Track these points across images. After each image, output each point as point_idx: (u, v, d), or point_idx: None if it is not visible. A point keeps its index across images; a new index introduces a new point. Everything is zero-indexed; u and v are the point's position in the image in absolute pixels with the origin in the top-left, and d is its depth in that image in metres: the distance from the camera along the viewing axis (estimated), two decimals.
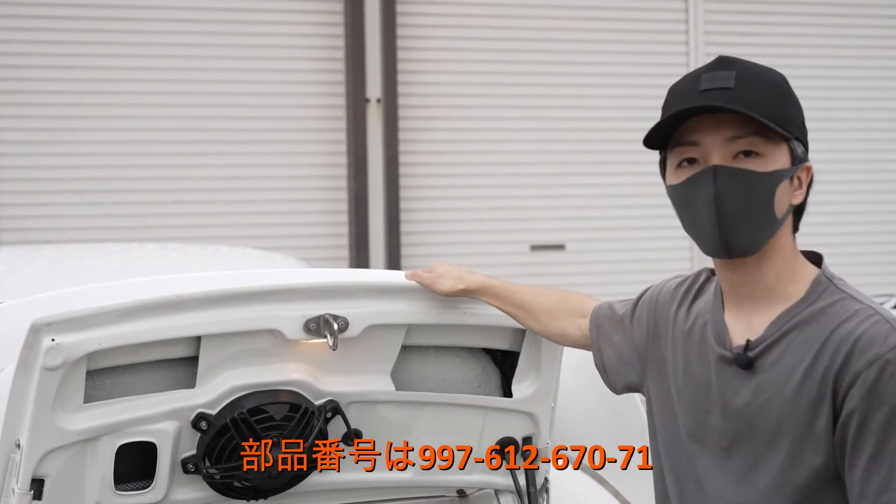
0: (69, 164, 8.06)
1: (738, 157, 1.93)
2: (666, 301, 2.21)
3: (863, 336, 1.87)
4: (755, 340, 1.97)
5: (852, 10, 9.69)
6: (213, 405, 2.46)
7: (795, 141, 1.96)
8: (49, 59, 8.01)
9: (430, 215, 8.70)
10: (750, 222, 1.94)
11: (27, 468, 2.32)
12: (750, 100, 1.91)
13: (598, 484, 3.12)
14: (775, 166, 1.94)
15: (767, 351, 1.96)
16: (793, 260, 2.01)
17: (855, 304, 1.93)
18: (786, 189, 1.96)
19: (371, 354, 2.56)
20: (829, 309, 1.94)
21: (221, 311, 2.37)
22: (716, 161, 1.93)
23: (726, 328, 2.03)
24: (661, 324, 2.19)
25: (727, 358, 2.00)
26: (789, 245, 2.01)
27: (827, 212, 9.47)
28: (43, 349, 2.20)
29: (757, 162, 1.93)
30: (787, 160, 1.96)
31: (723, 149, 1.93)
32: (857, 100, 9.66)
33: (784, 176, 1.95)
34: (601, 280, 8.80)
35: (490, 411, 2.72)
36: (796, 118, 1.97)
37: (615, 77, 9.11)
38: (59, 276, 3.72)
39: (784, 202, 1.96)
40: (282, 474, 2.52)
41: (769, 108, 1.92)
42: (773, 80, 1.98)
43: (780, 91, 1.97)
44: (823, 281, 1.99)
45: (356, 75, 8.45)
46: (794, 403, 1.91)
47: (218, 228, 8.21)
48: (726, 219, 1.92)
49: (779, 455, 1.93)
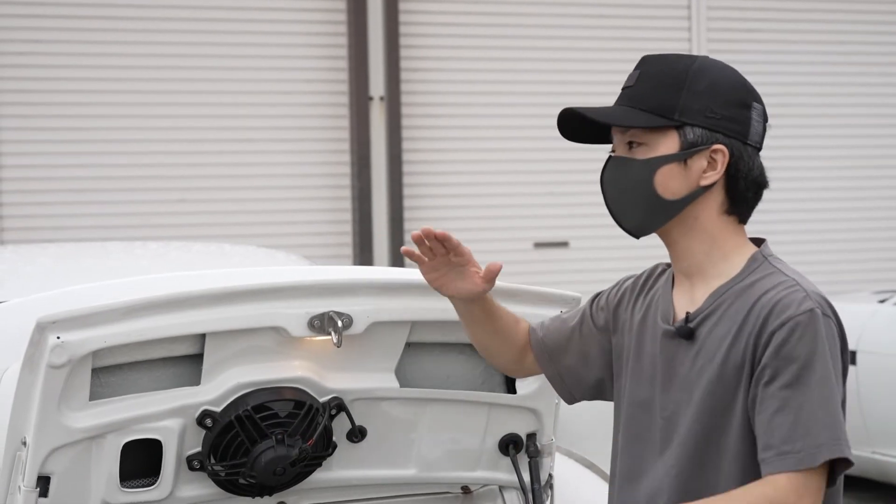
0: (72, 163, 8.07)
1: (630, 149, 2.12)
2: (625, 297, 2.30)
3: (780, 301, 2.01)
4: (694, 312, 2.10)
5: (855, 6, 9.68)
6: (217, 402, 2.47)
7: (689, 127, 2.08)
8: (52, 58, 8.01)
9: (434, 213, 8.70)
10: (632, 205, 2.12)
11: (33, 466, 2.33)
12: (636, 95, 2.12)
13: (602, 479, 3.13)
14: (657, 153, 2.09)
15: (704, 321, 2.08)
16: (723, 239, 2.13)
17: (780, 277, 2.06)
18: (675, 173, 2.09)
19: (375, 351, 2.56)
20: (758, 282, 2.07)
21: (226, 309, 2.38)
22: (616, 153, 2.16)
23: (672, 306, 2.17)
24: (620, 318, 2.29)
25: (670, 332, 2.13)
26: (714, 225, 2.12)
27: (829, 208, 9.47)
28: (48, 347, 2.21)
29: (639, 150, 2.11)
30: (676, 146, 2.09)
31: (620, 142, 2.15)
32: (858, 95, 9.65)
33: (665, 162, 2.09)
34: (604, 277, 8.76)
35: (494, 408, 2.72)
36: (691, 106, 2.08)
37: (619, 74, 9.07)
38: (62, 274, 3.72)
39: (675, 185, 2.09)
40: (286, 471, 2.52)
41: (651, 100, 2.09)
42: (672, 73, 2.12)
43: (672, 83, 2.10)
44: (759, 258, 2.12)
45: (359, 73, 8.46)
46: (723, 367, 2.04)
47: (221, 227, 8.22)
48: (612, 202, 2.15)
49: (710, 419, 2.05)
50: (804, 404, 1.95)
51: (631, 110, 2.11)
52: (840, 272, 9.21)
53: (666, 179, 2.09)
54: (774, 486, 1.94)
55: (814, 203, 9.32)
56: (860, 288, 8.71)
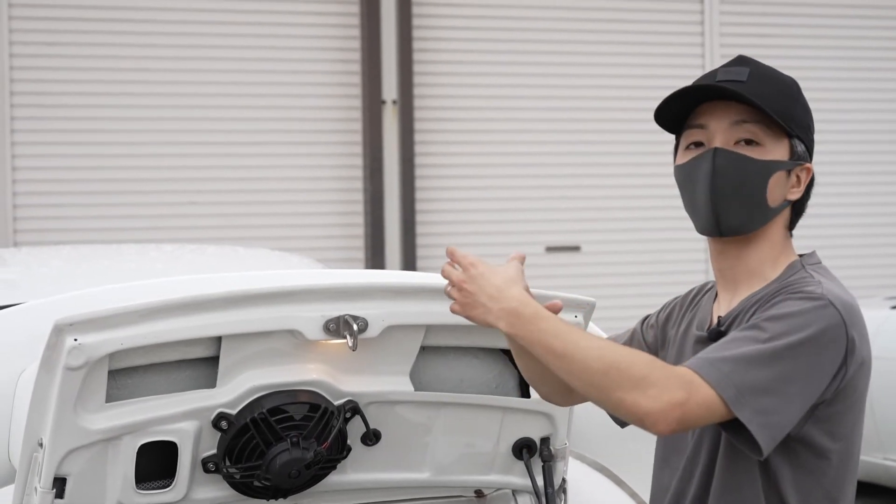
0: (86, 166, 8.10)
1: (739, 143, 2.07)
2: (674, 313, 2.31)
3: (792, 285, 2.03)
4: (724, 316, 2.12)
5: (867, 12, 9.67)
6: (233, 405, 2.47)
7: (797, 139, 2.10)
8: (66, 62, 8.05)
9: (446, 216, 8.71)
10: (741, 205, 2.07)
11: (49, 467, 2.34)
12: (758, 93, 2.04)
13: (615, 485, 3.13)
14: (773, 157, 2.07)
15: (732, 323, 2.09)
16: (779, 251, 2.14)
17: (808, 278, 2.06)
18: (781, 181, 2.09)
19: (390, 355, 2.56)
20: (787, 282, 2.07)
21: (242, 312, 2.38)
22: (718, 144, 2.07)
23: (710, 315, 2.17)
24: (668, 334, 2.30)
25: (703, 338, 2.13)
26: (780, 237, 2.14)
27: (841, 213, 9.45)
28: (66, 349, 2.22)
29: (756, 150, 2.07)
30: (786, 154, 2.09)
31: (726, 133, 2.08)
32: (872, 101, 9.64)
33: (779, 167, 2.08)
34: (616, 282, 8.80)
35: (508, 412, 2.72)
36: (801, 120, 2.10)
37: (631, 79, 9.11)
38: (77, 277, 3.74)
39: (778, 194, 2.09)
40: (301, 474, 2.53)
41: (775, 103, 2.05)
42: (784, 81, 2.12)
43: (788, 92, 2.11)
44: (797, 265, 2.13)
45: (372, 77, 8.47)
46: None
47: (233, 230, 8.24)
48: (719, 198, 2.06)
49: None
50: (749, 353, 1.92)
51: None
52: (852, 278, 9.19)
53: (774, 185, 2.09)
54: (677, 371, 1.93)
55: (826, 209, 9.31)
56: (872, 294, 8.70)
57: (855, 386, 2.02)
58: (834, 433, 2.02)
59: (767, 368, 1.91)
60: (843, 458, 2.04)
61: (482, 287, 2.07)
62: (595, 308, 2.48)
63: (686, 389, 1.88)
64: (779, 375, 1.91)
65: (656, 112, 2.16)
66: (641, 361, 1.92)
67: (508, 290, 2.05)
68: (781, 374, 1.91)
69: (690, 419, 1.90)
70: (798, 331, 1.93)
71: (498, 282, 2.07)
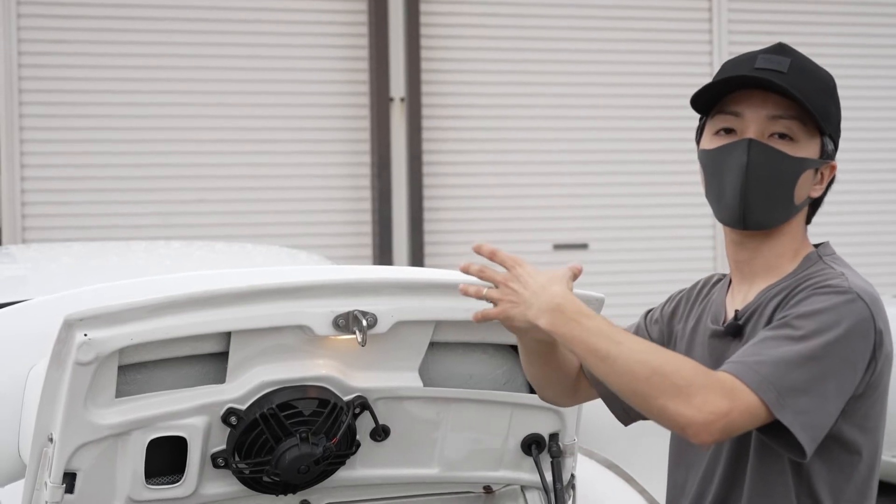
0: (94, 163, 8.10)
1: (772, 137, 2.03)
2: (679, 307, 2.29)
3: (816, 279, 2.00)
4: (742, 309, 2.09)
5: (876, 9, 9.65)
6: (242, 400, 2.47)
7: (828, 137, 2.08)
8: (74, 59, 8.05)
9: (454, 214, 8.71)
10: (769, 200, 2.04)
11: (59, 462, 2.34)
12: (800, 88, 2.01)
13: (623, 480, 3.13)
14: (805, 154, 2.05)
15: (751, 318, 2.06)
16: (797, 246, 2.11)
17: (829, 270, 2.04)
18: (809, 179, 2.07)
19: (399, 351, 2.57)
20: (804, 273, 2.06)
21: (251, 308, 2.38)
22: (752, 135, 2.03)
23: (724, 308, 2.14)
24: (674, 329, 2.27)
25: (719, 332, 2.11)
26: (799, 233, 2.12)
27: (850, 210, 9.44)
28: (76, 344, 2.22)
29: (789, 146, 2.04)
30: (817, 152, 2.07)
31: (761, 125, 2.03)
32: (881, 98, 9.62)
33: (811, 165, 2.06)
34: (624, 280, 8.79)
35: (517, 408, 2.72)
36: (834, 117, 2.09)
37: (639, 76, 9.10)
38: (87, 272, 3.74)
39: (804, 191, 2.07)
40: (310, 469, 2.53)
41: (815, 100, 2.02)
42: (823, 77, 2.09)
43: (826, 88, 2.08)
44: (813, 257, 2.10)
45: (380, 74, 8.47)
46: None
47: (241, 227, 8.25)
48: (750, 191, 2.03)
49: None
50: (786, 354, 1.89)
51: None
52: (861, 274, 9.18)
53: (803, 183, 2.06)
54: (719, 377, 1.89)
55: (836, 206, 9.29)
56: (882, 291, 8.69)
57: (881, 378, 2.01)
58: (864, 427, 2.00)
59: (804, 368, 1.89)
60: (872, 452, 2.02)
61: (527, 284, 2.02)
62: (604, 304, 2.48)
63: (729, 398, 1.86)
64: (816, 375, 1.89)
65: (694, 96, 2.09)
66: (686, 367, 1.89)
67: (552, 287, 2.01)
68: (818, 374, 1.89)
69: (734, 428, 1.88)
70: (831, 328, 1.91)
71: (542, 280, 2.03)
